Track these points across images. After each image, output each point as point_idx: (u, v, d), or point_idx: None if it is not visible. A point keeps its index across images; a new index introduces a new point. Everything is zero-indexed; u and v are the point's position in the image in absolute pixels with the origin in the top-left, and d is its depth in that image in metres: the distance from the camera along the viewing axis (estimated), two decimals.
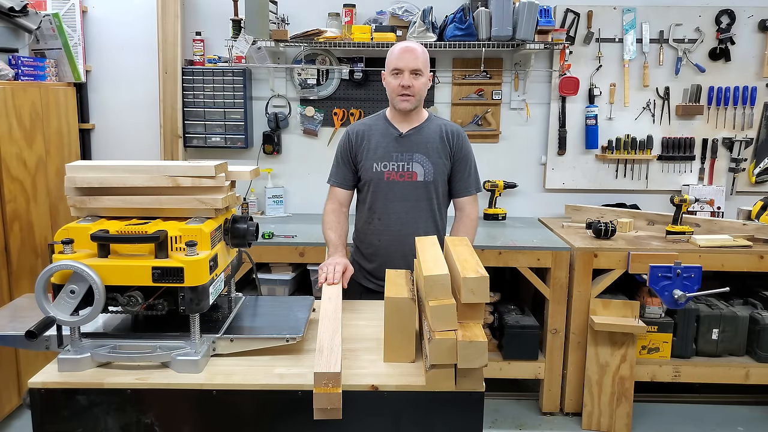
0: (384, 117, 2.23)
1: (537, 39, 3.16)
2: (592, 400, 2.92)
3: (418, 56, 2.08)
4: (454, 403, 1.34)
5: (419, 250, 1.56)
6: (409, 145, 2.16)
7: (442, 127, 2.20)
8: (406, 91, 2.09)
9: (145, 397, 1.34)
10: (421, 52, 2.10)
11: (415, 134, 2.17)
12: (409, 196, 2.16)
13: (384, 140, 2.17)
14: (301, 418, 1.33)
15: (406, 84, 2.07)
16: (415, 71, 2.08)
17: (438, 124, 2.21)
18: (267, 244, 2.94)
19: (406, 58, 2.07)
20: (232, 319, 1.57)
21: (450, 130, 2.20)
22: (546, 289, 2.93)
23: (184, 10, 3.44)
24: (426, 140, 2.16)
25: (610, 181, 3.55)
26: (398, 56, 2.09)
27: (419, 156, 2.15)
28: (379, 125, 2.21)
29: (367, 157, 2.17)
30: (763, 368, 2.94)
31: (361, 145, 2.19)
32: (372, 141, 2.18)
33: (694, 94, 3.43)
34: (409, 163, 2.15)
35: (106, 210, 1.47)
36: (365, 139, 2.19)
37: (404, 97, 2.10)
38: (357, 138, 2.21)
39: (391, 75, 2.11)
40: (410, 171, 2.15)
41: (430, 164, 2.15)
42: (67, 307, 1.32)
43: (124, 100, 3.55)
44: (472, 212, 2.24)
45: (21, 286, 2.83)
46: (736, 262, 2.86)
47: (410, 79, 2.08)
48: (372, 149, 2.17)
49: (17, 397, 2.84)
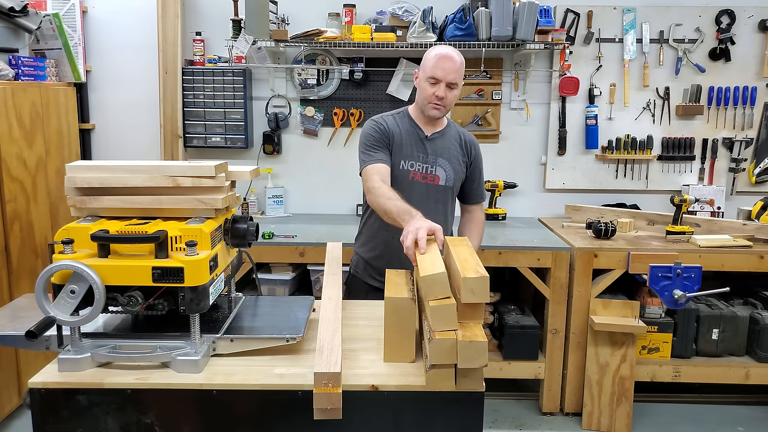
0: (408, 116, 2.21)
1: (537, 39, 3.16)
2: (592, 400, 2.92)
3: (457, 68, 2.07)
4: (454, 403, 1.34)
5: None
6: (434, 148, 2.17)
7: (461, 135, 2.23)
8: (439, 102, 2.09)
9: (145, 397, 1.34)
10: (459, 63, 2.08)
11: (439, 138, 2.19)
12: (429, 198, 2.16)
13: (410, 139, 2.16)
14: (301, 418, 1.33)
15: (441, 95, 2.07)
16: (451, 84, 2.08)
17: (456, 130, 2.24)
18: (267, 244, 2.94)
19: (446, 68, 2.05)
20: (232, 319, 1.57)
21: (468, 140, 2.24)
22: (546, 289, 2.93)
23: (184, 10, 3.44)
24: (449, 146, 2.19)
25: (610, 181, 3.55)
26: (437, 64, 2.05)
27: (442, 161, 2.17)
28: (404, 124, 2.19)
29: (395, 153, 2.15)
30: (763, 368, 2.94)
31: (391, 137, 2.15)
32: (399, 138, 2.15)
33: (694, 94, 3.43)
34: (432, 166, 2.16)
35: (106, 210, 1.47)
36: (393, 134, 2.15)
37: (436, 107, 2.10)
38: (388, 128, 2.15)
39: (427, 81, 2.09)
40: (433, 174, 2.16)
41: (452, 170, 2.18)
42: (67, 307, 1.32)
43: (124, 100, 3.55)
44: (481, 215, 2.33)
45: (21, 286, 2.84)
46: (736, 262, 2.86)
47: (445, 90, 2.07)
48: (399, 146, 2.15)
49: (17, 397, 2.84)
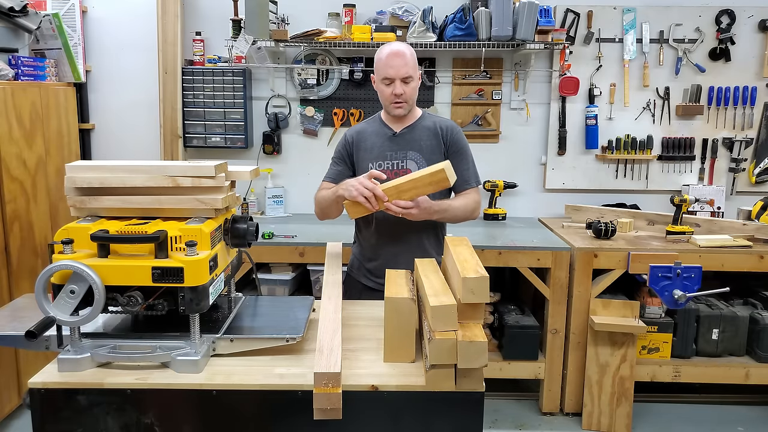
0: (379, 118, 2.26)
1: (537, 39, 3.16)
2: (592, 400, 2.92)
3: (407, 61, 2.07)
4: (454, 403, 1.34)
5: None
6: (403, 143, 2.17)
7: (436, 123, 2.20)
8: (398, 99, 2.10)
9: (145, 397, 1.34)
10: (409, 55, 2.08)
11: (409, 132, 2.18)
12: None
13: (379, 140, 2.19)
14: (301, 418, 1.33)
15: (399, 92, 2.08)
16: (406, 78, 2.08)
17: (432, 120, 2.21)
18: (267, 244, 2.94)
19: (395, 65, 2.06)
20: (232, 319, 1.57)
21: (443, 126, 2.19)
22: (546, 289, 2.93)
23: (184, 10, 3.44)
24: (419, 137, 2.17)
25: (610, 181, 3.55)
26: (387, 63, 2.07)
27: (413, 153, 2.15)
28: (374, 126, 2.24)
29: (363, 158, 2.19)
30: (763, 368, 2.94)
31: (359, 146, 2.21)
32: (368, 142, 2.20)
33: (694, 94, 3.43)
34: (403, 160, 2.16)
35: (106, 210, 1.47)
36: (361, 141, 2.21)
37: (398, 105, 2.12)
38: (354, 139, 2.23)
39: (382, 83, 2.11)
40: (405, 169, 2.15)
41: (424, 161, 2.14)
42: (67, 307, 1.32)
43: (124, 100, 3.56)
44: (475, 196, 2.18)
45: (21, 286, 2.84)
46: (736, 262, 2.86)
47: (401, 86, 2.08)
48: (368, 149, 2.19)
49: (17, 397, 2.84)
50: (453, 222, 2.19)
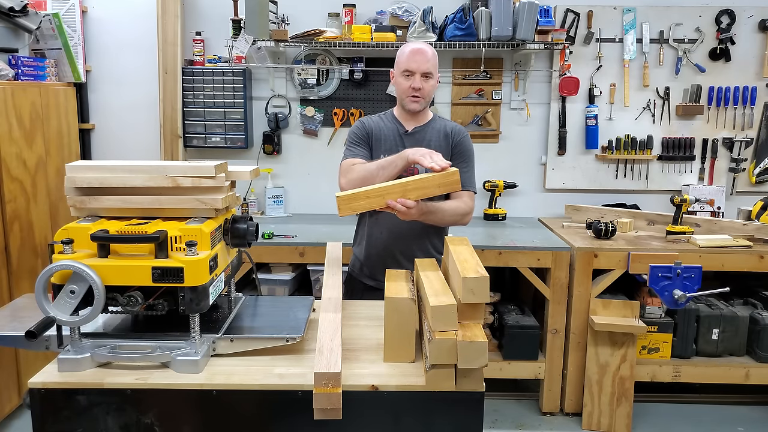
0: (392, 115, 2.27)
1: (537, 39, 3.16)
2: (592, 400, 2.92)
3: (429, 59, 2.11)
4: (454, 403, 1.34)
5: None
6: (413, 142, 2.17)
7: (447, 126, 2.23)
8: (416, 93, 2.12)
9: (145, 397, 1.34)
10: (431, 54, 2.13)
11: (420, 132, 2.20)
12: None
13: (390, 135, 2.20)
14: (301, 418, 1.33)
15: (417, 86, 2.11)
16: (426, 74, 2.11)
17: (443, 123, 2.25)
18: (267, 244, 2.94)
19: (417, 60, 2.09)
20: (232, 319, 1.57)
21: (453, 129, 2.23)
22: (546, 289, 2.93)
23: (184, 10, 3.44)
24: (429, 138, 2.19)
25: (610, 181, 3.55)
26: (409, 57, 2.11)
27: None
28: (387, 122, 2.25)
29: (375, 147, 2.20)
30: (763, 368, 2.94)
31: (372, 134, 2.22)
32: (380, 134, 2.21)
33: (694, 94, 3.43)
34: None
35: (106, 210, 1.47)
36: (374, 131, 2.22)
37: (414, 99, 2.14)
38: (371, 128, 2.23)
39: (402, 76, 2.14)
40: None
41: None
42: (67, 307, 1.32)
43: (124, 100, 3.55)
44: (468, 202, 2.14)
45: (21, 286, 2.84)
46: (736, 262, 2.86)
47: (421, 81, 2.11)
48: (379, 141, 2.20)
49: (17, 397, 2.84)
50: (440, 225, 2.16)
